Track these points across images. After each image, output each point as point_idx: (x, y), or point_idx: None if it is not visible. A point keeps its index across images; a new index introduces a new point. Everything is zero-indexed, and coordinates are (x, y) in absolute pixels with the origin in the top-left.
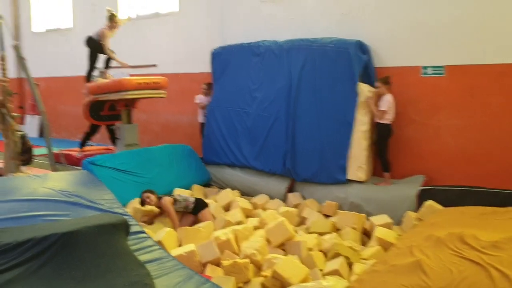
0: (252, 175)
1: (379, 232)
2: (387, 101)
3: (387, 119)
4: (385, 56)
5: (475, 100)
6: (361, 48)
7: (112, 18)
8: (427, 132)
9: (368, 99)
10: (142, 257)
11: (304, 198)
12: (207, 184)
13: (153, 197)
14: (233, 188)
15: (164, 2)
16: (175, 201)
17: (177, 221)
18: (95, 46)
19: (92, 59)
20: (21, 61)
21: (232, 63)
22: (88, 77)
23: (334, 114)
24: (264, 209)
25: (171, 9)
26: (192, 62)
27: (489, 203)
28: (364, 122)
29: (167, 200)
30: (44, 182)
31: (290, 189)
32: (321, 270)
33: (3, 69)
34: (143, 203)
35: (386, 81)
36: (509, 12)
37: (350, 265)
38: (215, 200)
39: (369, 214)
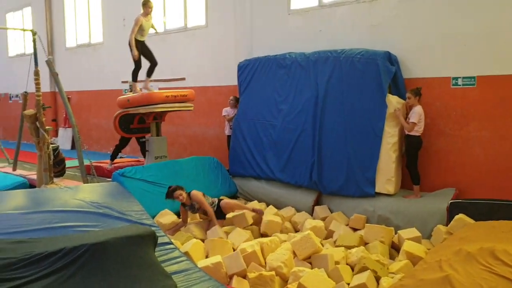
0: (278, 187)
1: (408, 246)
2: (417, 113)
3: (417, 131)
4: (415, 67)
5: (506, 111)
6: (390, 59)
7: (145, 3)
8: (457, 144)
9: (396, 111)
10: (169, 268)
11: (331, 211)
12: (234, 196)
13: (184, 194)
14: (259, 201)
15: (191, 16)
16: (203, 195)
17: (212, 210)
18: (136, 45)
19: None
20: (54, 75)
21: (258, 75)
22: (133, 77)
23: (362, 126)
24: (291, 222)
25: (199, 23)
26: (219, 75)
27: None
28: (393, 134)
29: (198, 193)
30: (75, 193)
31: (317, 202)
32: (347, 284)
33: (37, 84)
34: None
35: (417, 92)
36: None
37: (377, 279)
38: None
39: (397, 228)
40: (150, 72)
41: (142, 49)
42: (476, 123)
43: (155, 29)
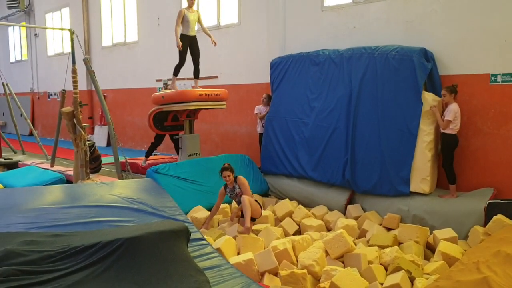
0: (310, 185)
1: (443, 247)
2: (453, 111)
3: (452, 129)
4: (451, 63)
5: None
6: (426, 55)
7: None
8: (495, 142)
9: (433, 108)
10: (202, 264)
11: (364, 210)
12: (265, 194)
13: (232, 176)
14: (291, 199)
15: (224, 14)
16: None
17: (252, 198)
18: (181, 39)
19: (180, 54)
20: (90, 74)
21: (291, 72)
22: (175, 72)
23: (397, 123)
24: (323, 220)
25: (232, 21)
26: (252, 72)
27: None
28: (428, 132)
29: (245, 179)
30: (110, 189)
31: (350, 201)
32: (381, 284)
33: (74, 82)
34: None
35: (452, 90)
36: None
37: (412, 280)
38: (273, 210)
39: (433, 228)
40: (196, 73)
41: (190, 45)
42: None
43: (201, 24)
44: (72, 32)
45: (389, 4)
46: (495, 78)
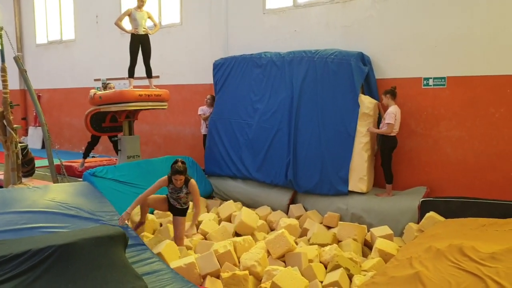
0: (254, 186)
1: (380, 244)
2: (392, 113)
3: (392, 131)
4: (387, 67)
5: (476, 111)
6: (363, 59)
7: None
8: (428, 143)
9: (369, 129)
10: (141, 269)
11: (306, 209)
12: (209, 195)
13: (183, 180)
14: (235, 200)
15: (166, 14)
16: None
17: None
18: (132, 39)
19: (131, 54)
20: (22, 72)
21: (234, 74)
22: (129, 73)
23: (336, 125)
24: (267, 220)
25: (173, 20)
26: (195, 73)
27: (490, 214)
28: (365, 134)
29: (197, 186)
30: (44, 194)
31: (292, 201)
32: (321, 282)
33: (4, 81)
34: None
35: (390, 92)
36: (510, 25)
37: (350, 277)
38: (217, 212)
39: (370, 226)
40: (148, 73)
41: (141, 44)
42: (446, 122)
43: (154, 23)
44: (0, 29)
45: (328, 9)
46: (427, 82)
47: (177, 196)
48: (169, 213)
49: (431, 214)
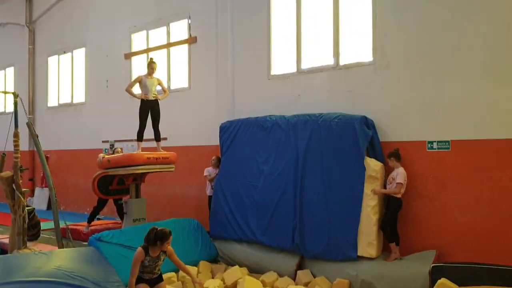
0: (260, 250)
1: None
2: (402, 173)
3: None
4: (391, 131)
5: (482, 174)
6: (366, 123)
7: (148, 63)
8: (435, 206)
9: (373, 191)
10: None
11: (314, 275)
12: (214, 259)
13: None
14: (240, 265)
15: (175, 79)
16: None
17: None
18: (141, 104)
19: (140, 119)
20: (34, 137)
21: (240, 136)
22: (138, 137)
23: (342, 188)
24: (273, 287)
25: (182, 85)
26: (201, 135)
27: (505, 281)
28: (372, 197)
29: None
30: (49, 260)
31: (300, 266)
32: None
33: (16, 146)
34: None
35: (395, 155)
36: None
37: None
38: (222, 278)
39: None
40: (157, 136)
41: (150, 110)
42: (452, 186)
43: (164, 89)
44: (16, 96)
45: (331, 75)
46: (432, 145)
47: (155, 265)
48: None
49: (443, 280)
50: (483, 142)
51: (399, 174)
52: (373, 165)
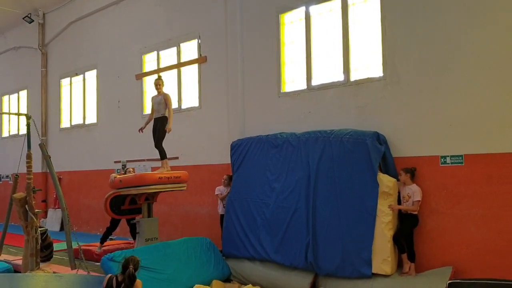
0: (273, 269)
1: None
2: (419, 191)
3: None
4: (403, 146)
5: (496, 188)
6: (378, 139)
7: (155, 81)
8: (450, 222)
9: (390, 207)
10: None
11: None
12: (227, 279)
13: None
14: (254, 284)
15: (186, 99)
16: None
17: None
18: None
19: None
20: (46, 159)
21: (251, 154)
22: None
23: (355, 204)
24: None
25: (193, 104)
26: (212, 154)
27: None
28: (387, 213)
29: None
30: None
31: (314, 284)
32: None
33: (29, 167)
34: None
35: (412, 173)
36: None
37: None
38: None
39: None
40: (160, 155)
41: (156, 126)
42: (467, 201)
43: (166, 106)
44: (28, 117)
45: (341, 91)
46: (445, 160)
47: None
48: None
49: None
50: (497, 156)
51: (416, 191)
52: (386, 181)
